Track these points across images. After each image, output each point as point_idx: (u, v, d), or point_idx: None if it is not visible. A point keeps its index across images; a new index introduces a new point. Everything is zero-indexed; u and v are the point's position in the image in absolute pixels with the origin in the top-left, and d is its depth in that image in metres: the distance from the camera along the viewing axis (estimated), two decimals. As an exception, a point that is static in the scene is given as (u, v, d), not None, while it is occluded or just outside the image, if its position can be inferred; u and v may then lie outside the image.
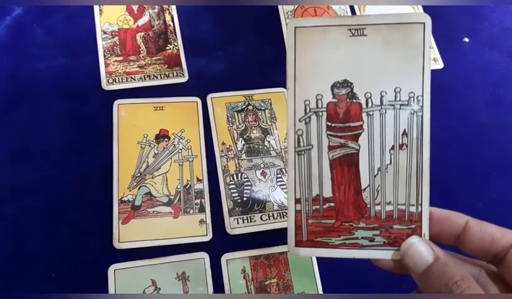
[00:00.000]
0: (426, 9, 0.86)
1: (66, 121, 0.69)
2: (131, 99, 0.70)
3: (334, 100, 0.41)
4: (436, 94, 0.76)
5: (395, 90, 0.40)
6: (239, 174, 0.68)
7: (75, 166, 0.66)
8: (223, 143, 0.69)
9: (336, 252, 0.43)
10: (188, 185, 0.66)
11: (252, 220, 0.65)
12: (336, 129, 0.41)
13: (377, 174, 0.42)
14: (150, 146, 0.68)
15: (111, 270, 0.60)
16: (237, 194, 0.67)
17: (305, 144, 0.41)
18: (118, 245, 0.62)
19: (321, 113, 0.41)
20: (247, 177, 0.68)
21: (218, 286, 0.61)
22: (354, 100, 0.41)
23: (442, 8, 0.87)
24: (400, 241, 0.41)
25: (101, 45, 0.73)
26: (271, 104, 0.73)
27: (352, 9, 0.84)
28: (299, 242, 0.43)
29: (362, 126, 0.41)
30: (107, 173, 0.66)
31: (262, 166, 0.69)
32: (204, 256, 0.62)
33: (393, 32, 0.40)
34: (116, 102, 0.70)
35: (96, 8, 0.76)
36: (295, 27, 0.41)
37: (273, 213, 0.66)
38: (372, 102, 0.41)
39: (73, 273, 0.60)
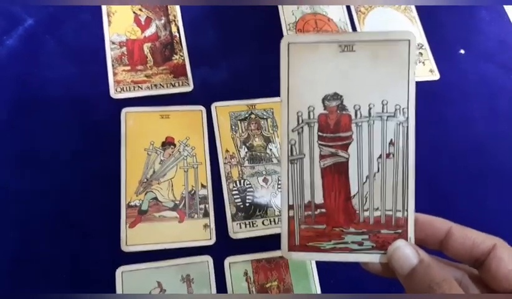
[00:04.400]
0: (424, 21, 0.88)
1: (75, 127, 0.71)
2: (138, 107, 0.72)
3: (325, 112, 0.43)
4: (432, 104, 0.79)
5: (382, 102, 0.43)
6: (242, 181, 0.70)
7: (84, 171, 0.68)
8: (227, 151, 0.72)
9: (327, 256, 0.45)
10: (193, 191, 0.68)
11: (254, 225, 0.67)
12: (326, 139, 0.44)
13: (366, 181, 0.44)
14: (156, 153, 0.70)
15: (119, 272, 0.62)
16: (239, 200, 0.69)
17: (298, 153, 0.44)
18: (125, 248, 0.64)
19: (312, 124, 0.43)
20: (250, 184, 0.70)
21: (222, 288, 0.63)
22: (344, 112, 0.43)
23: (439, 21, 0.89)
24: (387, 245, 0.43)
25: (109, 54, 0.76)
26: (273, 114, 0.75)
27: (351, 21, 0.86)
28: (292, 246, 0.46)
29: (351, 136, 0.43)
30: (115, 179, 0.68)
31: (264, 172, 0.71)
32: (208, 259, 0.64)
33: (381, 48, 0.42)
34: (124, 110, 0.72)
35: (105, 19, 0.78)
36: (288, 43, 0.43)
37: (274, 219, 0.68)
38: (360, 114, 0.43)
39: (82, 275, 0.62)
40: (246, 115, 0.75)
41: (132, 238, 0.64)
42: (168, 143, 0.71)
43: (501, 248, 0.42)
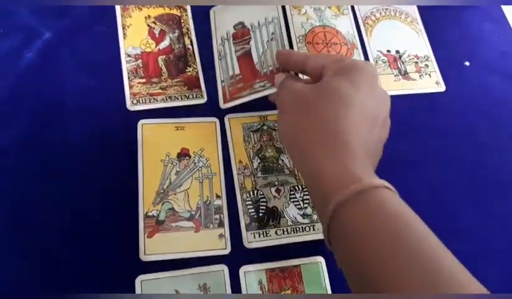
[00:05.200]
0: (429, 33, 0.90)
1: (93, 139, 0.72)
2: (154, 119, 0.74)
3: (235, 31, 0.79)
4: (439, 115, 0.81)
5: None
6: (255, 191, 0.72)
7: (102, 182, 0.70)
8: (240, 161, 0.74)
9: (247, 98, 0.73)
10: (208, 201, 0.70)
11: (268, 235, 0.69)
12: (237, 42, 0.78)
13: (261, 55, 0.74)
14: (172, 163, 0.72)
15: (138, 281, 0.64)
16: (253, 210, 0.71)
17: (224, 54, 0.79)
18: (143, 257, 0.65)
19: (229, 38, 0.79)
20: (263, 194, 0.72)
21: (237, 297, 0.65)
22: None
23: (444, 34, 0.91)
24: None
25: (125, 67, 0.77)
26: (284, 125, 0.77)
27: (359, 33, 0.88)
28: (226, 100, 0.76)
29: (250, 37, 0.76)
30: (132, 189, 0.69)
31: (276, 183, 0.73)
32: (223, 268, 0.66)
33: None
34: (140, 122, 0.74)
35: (120, 31, 0.80)
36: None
37: (287, 228, 0.70)
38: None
39: (102, 285, 0.64)
40: (259, 126, 0.77)
41: (151, 247, 0.66)
42: (183, 154, 0.73)
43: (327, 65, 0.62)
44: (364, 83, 0.59)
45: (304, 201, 0.72)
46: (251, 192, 0.72)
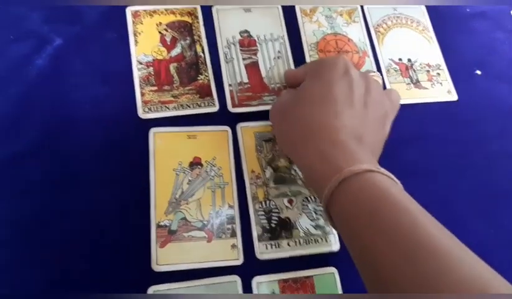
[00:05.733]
0: (440, 41, 0.90)
1: (105, 147, 0.72)
2: (166, 127, 0.74)
3: (241, 38, 0.83)
4: (451, 124, 0.81)
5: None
6: (267, 201, 0.72)
7: (114, 191, 0.69)
8: (253, 171, 0.73)
9: (255, 108, 0.77)
10: (220, 211, 0.70)
11: (280, 246, 0.69)
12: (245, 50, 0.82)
13: (269, 69, 0.81)
14: (184, 173, 0.71)
15: (151, 291, 0.64)
16: (265, 221, 0.70)
17: (230, 57, 0.81)
18: (156, 267, 0.65)
19: (235, 45, 0.82)
20: (275, 205, 0.72)
21: (250, 308, 0.65)
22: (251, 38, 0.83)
23: (455, 42, 0.91)
24: None
25: (137, 75, 0.77)
26: (296, 135, 0.77)
27: (371, 40, 0.88)
28: (234, 105, 0.77)
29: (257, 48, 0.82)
30: (144, 199, 0.69)
31: (289, 193, 0.72)
32: (236, 279, 0.66)
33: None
34: (152, 130, 0.73)
35: (131, 39, 0.79)
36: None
37: (299, 240, 0.69)
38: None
39: (114, 294, 0.64)
40: (271, 136, 0.76)
41: (163, 257, 0.66)
42: (195, 163, 0.72)
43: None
44: (332, 77, 0.68)
45: (317, 212, 0.71)
46: (263, 203, 0.72)
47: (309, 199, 0.72)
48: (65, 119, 0.73)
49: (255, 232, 0.70)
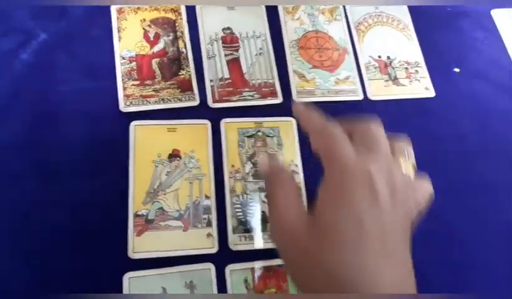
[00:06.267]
0: (421, 39, 0.91)
1: (86, 139, 0.73)
2: (146, 120, 0.75)
3: (224, 35, 0.85)
4: (428, 121, 0.82)
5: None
6: (245, 195, 0.73)
7: (93, 181, 0.71)
8: (233, 166, 0.75)
9: (235, 103, 0.79)
10: (197, 202, 0.72)
11: (254, 238, 0.71)
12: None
13: (250, 66, 0.83)
14: (163, 164, 0.73)
15: (126, 277, 0.65)
16: (241, 213, 0.72)
17: (212, 54, 0.84)
18: (132, 255, 0.67)
19: (218, 41, 0.85)
20: (252, 199, 0.73)
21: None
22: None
23: (435, 40, 0.92)
24: (266, 94, 0.81)
25: (119, 69, 0.79)
26: (279, 132, 0.78)
27: (351, 38, 0.89)
28: (215, 100, 0.78)
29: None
30: (124, 189, 0.71)
31: (266, 188, 0.74)
32: (210, 267, 0.68)
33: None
34: (133, 123, 0.75)
35: (115, 34, 0.81)
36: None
37: (273, 232, 0.71)
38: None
39: (91, 280, 0.66)
40: (253, 132, 0.78)
41: (139, 245, 0.68)
42: (174, 155, 0.74)
43: None
44: (360, 207, 0.48)
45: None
46: (240, 196, 0.73)
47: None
48: (47, 112, 0.75)
49: (230, 224, 0.71)
